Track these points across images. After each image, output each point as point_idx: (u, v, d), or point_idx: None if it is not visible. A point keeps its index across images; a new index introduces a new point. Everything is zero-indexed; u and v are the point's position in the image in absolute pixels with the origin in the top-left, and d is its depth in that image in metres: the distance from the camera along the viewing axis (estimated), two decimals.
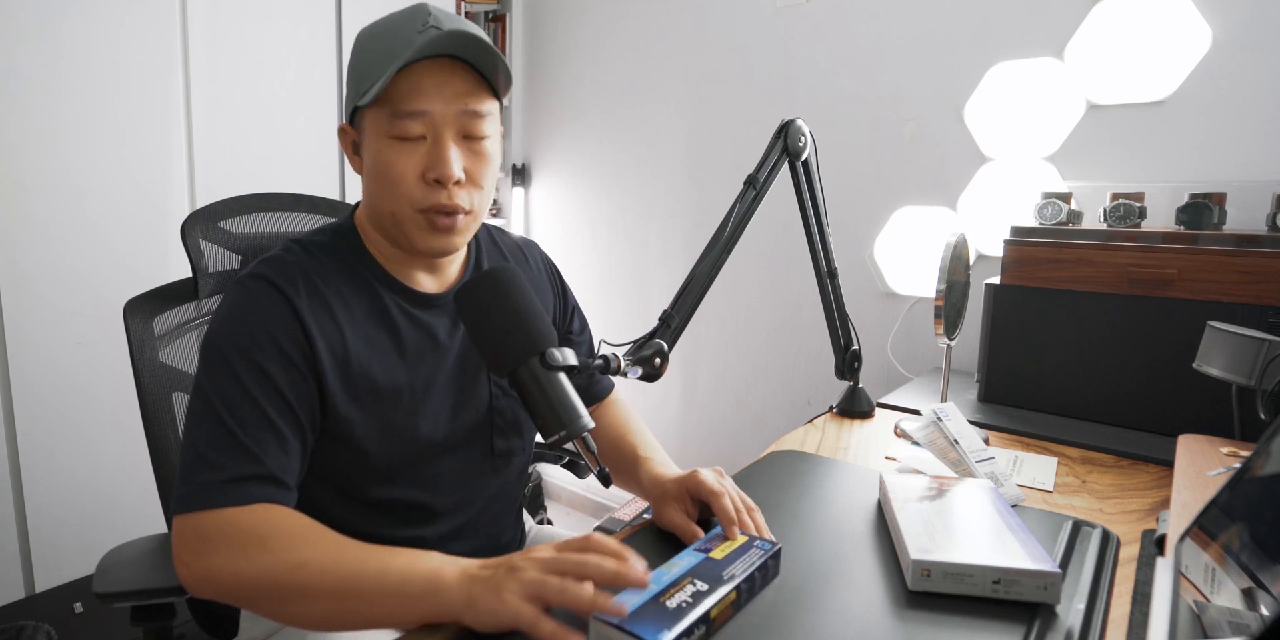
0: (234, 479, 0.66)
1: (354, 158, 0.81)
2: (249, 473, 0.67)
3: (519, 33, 2.49)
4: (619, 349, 0.88)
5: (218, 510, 0.64)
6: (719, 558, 0.68)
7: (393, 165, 0.75)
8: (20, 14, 1.50)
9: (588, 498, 2.56)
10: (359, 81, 0.75)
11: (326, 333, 0.75)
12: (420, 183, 0.75)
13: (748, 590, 0.66)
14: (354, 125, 0.79)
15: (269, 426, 0.69)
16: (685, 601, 0.60)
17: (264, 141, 1.89)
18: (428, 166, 0.74)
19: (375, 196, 0.78)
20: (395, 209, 0.76)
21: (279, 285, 0.74)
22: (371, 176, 0.77)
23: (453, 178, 0.74)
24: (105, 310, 1.62)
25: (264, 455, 0.68)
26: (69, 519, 1.64)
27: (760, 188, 1.03)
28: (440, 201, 0.75)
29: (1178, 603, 0.55)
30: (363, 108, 0.75)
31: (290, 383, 0.72)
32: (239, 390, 0.69)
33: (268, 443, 0.69)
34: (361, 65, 0.76)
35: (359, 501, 0.79)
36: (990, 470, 0.91)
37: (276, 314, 0.73)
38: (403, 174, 0.74)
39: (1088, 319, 1.24)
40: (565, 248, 2.49)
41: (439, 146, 0.74)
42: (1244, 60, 1.33)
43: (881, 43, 1.75)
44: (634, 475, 0.91)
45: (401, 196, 0.75)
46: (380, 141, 0.75)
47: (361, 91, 0.74)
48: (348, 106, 0.78)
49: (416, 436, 0.80)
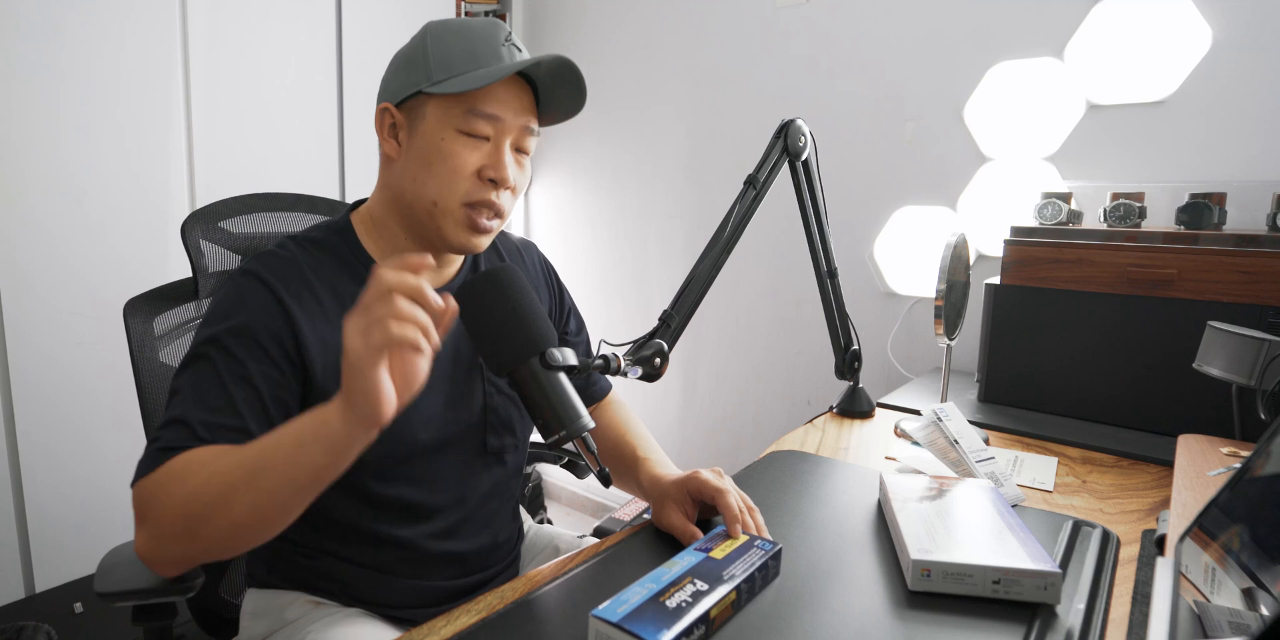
0: (168, 447, 0.65)
1: (389, 141, 0.80)
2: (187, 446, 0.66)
3: (519, 33, 2.49)
4: (619, 349, 0.88)
5: (150, 474, 0.64)
6: (719, 557, 0.68)
7: (455, 156, 0.76)
8: (21, 14, 1.50)
9: (588, 498, 2.56)
10: (436, 70, 0.76)
11: (316, 326, 0.75)
12: (475, 179, 0.77)
13: (748, 590, 0.66)
14: (400, 108, 0.79)
15: (233, 414, 0.69)
16: (685, 601, 0.60)
17: (264, 141, 1.89)
18: (488, 165, 0.78)
19: (419, 184, 0.78)
20: (440, 199, 0.77)
21: (268, 281, 0.75)
22: (423, 164, 0.77)
23: (509, 181, 0.78)
24: (105, 310, 1.62)
25: (212, 438, 0.67)
26: (69, 519, 1.64)
27: (760, 188, 1.03)
28: (489, 198, 0.78)
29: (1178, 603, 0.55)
30: (430, 95, 0.76)
31: (264, 375, 0.71)
32: (210, 377, 0.70)
33: (223, 428, 0.68)
34: (441, 56, 0.77)
35: (356, 498, 0.80)
36: (990, 470, 0.91)
37: (261, 309, 0.73)
38: (462, 167, 0.77)
39: (1088, 319, 1.24)
40: (565, 248, 2.49)
41: (500, 150, 0.78)
42: (1244, 60, 1.33)
43: (881, 43, 1.75)
44: (633, 476, 0.92)
45: (453, 188, 0.77)
46: (445, 131, 0.77)
47: (435, 80, 0.76)
48: (404, 88, 0.78)
49: (410, 432, 0.80)
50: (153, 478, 0.64)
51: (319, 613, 0.81)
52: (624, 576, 0.67)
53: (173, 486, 0.62)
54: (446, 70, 0.76)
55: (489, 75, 0.75)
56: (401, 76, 0.79)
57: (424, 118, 0.77)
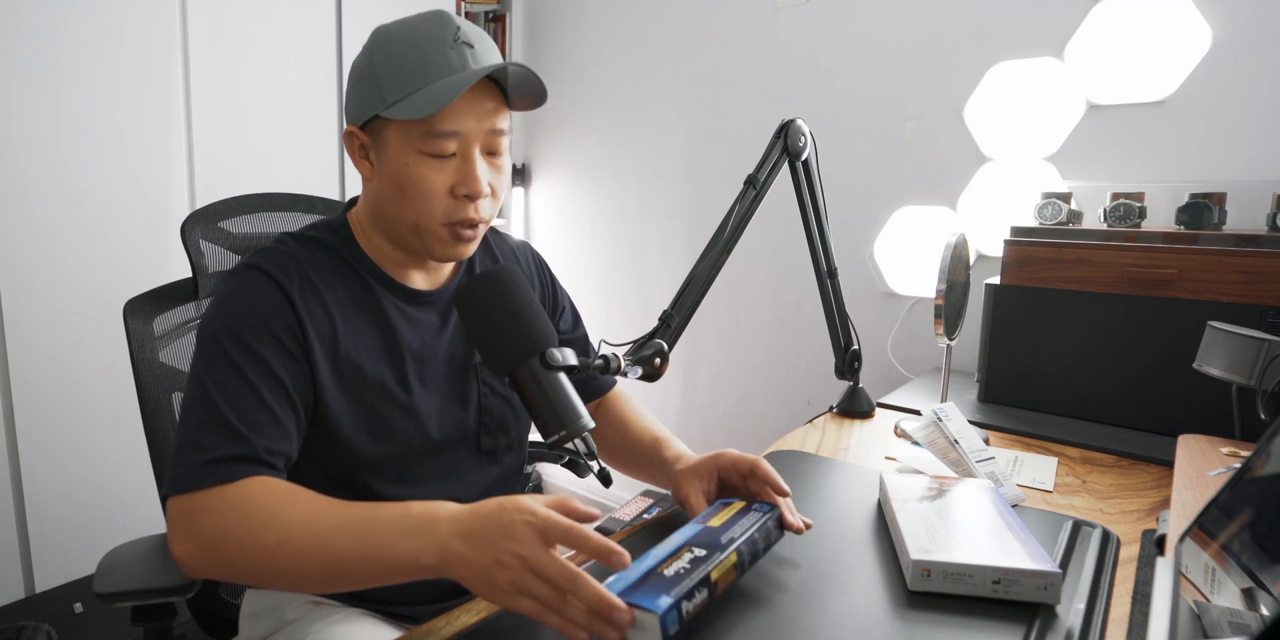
0: (220, 459, 0.66)
1: (361, 162, 0.79)
2: (236, 453, 0.67)
3: (519, 33, 2.49)
4: (619, 349, 0.88)
5: (204, 490, 0.65)
6: (716, 525, 0.68)
7: (423, 180, 0.75)
8: (21, 14, 1.50)
9: (588, 498, 2.56)
10: (388, 90, 0.74)
11: (317, 321, 0.76)
12: (448, 197, 0.76)
13: (749, 552, 0.65)
14: (364, 130, 0.77)
15: (264, 409, 0.70)
16: (684, 568, 0.60)
17: (264, 141, 1.89)
18: (458, 182, 0.76)
19: (396, 207, 0.77)
20: (419, 221, 0.77)
21: (272, 274, 0.75)
22: (396, 188, 0.76)
23: (483, 194, 0.77)
24: (105, 310, 1.62)
25: (254, 437, 0.68)
26: (69, 519, 1.64)
27: (760, 188, 1.03)
28: (469, 216, 0.77)
29: (1178, 603, 0.55)
30: (386, 119, 0.74)
31: (285, 367, 0.72)
32: (233, 373, 0.70)
33: (261, 425, 0.69)
34: (391, 73, 0.74)
35: (355, 497, 0.79)
36: (990, 470, 0.91)
37: (271, 301, 0.74)
38: (432, 189, 0.75)
39: (1088, 319, 1.24)
40: (565, 248, 2.49)
41: (469, 163, 0.76)
42: (1244, 60, 1.33)
43: (881, 43, 1.75)
44: (654, 456, 0.90)
45: (429, 210, 0.76)
46: (408, 155, 0.75)
47: (389, 102, 0.73)
48: (363, 111, 0.76)
49: (404, 431, 0.80)
50: (208, 502, 0.65)
51: (319, 613, 0.81)
52: None
53: (238, 531, 0.63)
54: (398, 88, 0.73)
55: (439, 96, 0.71)
56: (359, 97, 0.76)
57: (387, 142, 0.75)
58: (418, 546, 0.59)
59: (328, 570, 0.61)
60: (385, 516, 0.61)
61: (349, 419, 0.77)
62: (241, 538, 0.63)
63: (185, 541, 0.64)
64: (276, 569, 0.62)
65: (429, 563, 0.58)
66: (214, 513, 0.64)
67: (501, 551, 0.55)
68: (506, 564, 0.55)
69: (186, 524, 0.65)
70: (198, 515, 0.65)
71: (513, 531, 0.55)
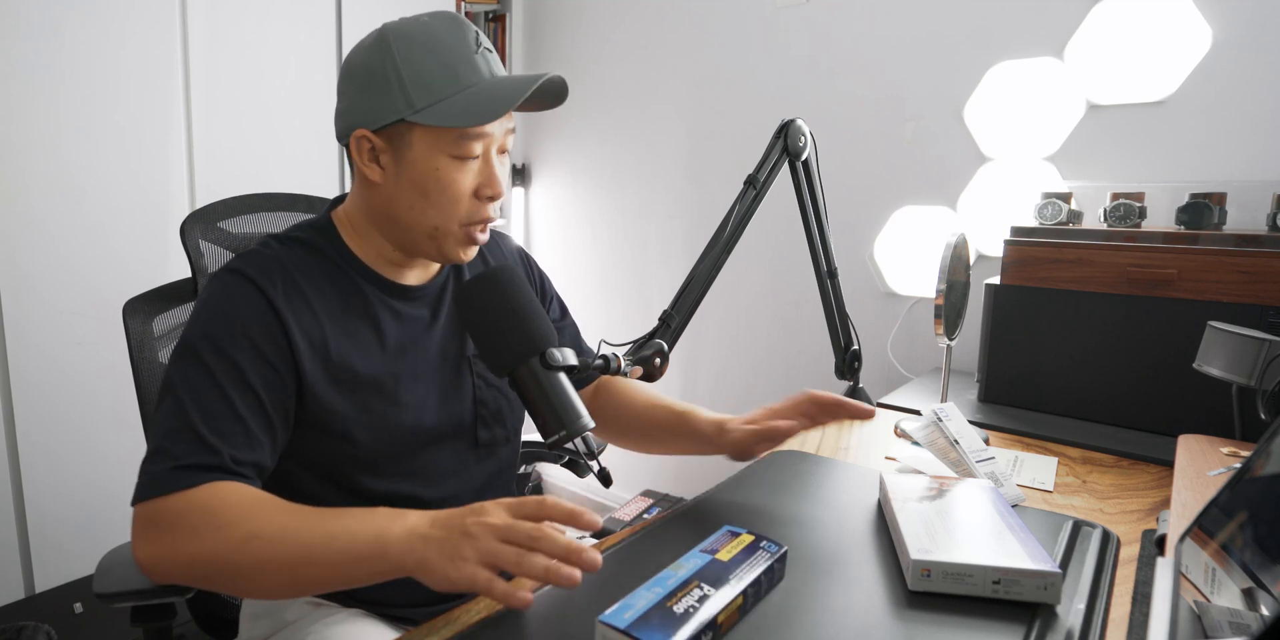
0: (185, 466, 0.66)
1: (370, 166, 0.77)
2: (203, 462, 0.66)
3: (519, 33, 2.49)
4: (619, 349, 0.88)
5: (168, 496, 0.64)
6: (725, 559, 0.68)
7: (454, 183, 0.76)
8: (21, 14, 1.50)
9: (588, 498, 2.56)
10: (415, 96, 0.73)
11: (304, 325, 0.75)
12: (472, 199, 0.77)
13: (754, 594, 0.66)
14: (378, 133, 0.76)
15: (235, 418, 0.69)
16: (692, 606, 0.60)
17: (264, 142, 1.89)
18: (482, 184, 0.77)
19: (415, 210, 0.76)
20: (441, 223, 0.77)
21: (254, 279, 0.74)
22: (419, 192, 0.76)
23: (504, 194, 0.79)
24: (105, 310, 1.61)
25: (223, 446, 0.67)
26: (69, 519, 1.64)
27: (760, 188, 1.03)
28: (487, 216, 0.79)
29: (1178, 603, 0.55)
30: (411, 123, 0.74)
31: (261, 377, 0.72)
32: (208, 381, 0.69)
33: (232, 434, 0.69)
34: (416, 78, 0.73)
35: (351, 493, 0.80)
36: (990, 470, 0.91)
37: (250, 308, 0.73)
38: (463, 191, 0.76)
39: (1088, 319, 1.24)
40: (565, 248, 2.49)
41: (490, 164, 0.78)
42: (1244, 60, 1.33)
43: (881, 43, 1.75)
44: (686, 424, 0.93)
45: (454, 213, 0.77)
46: (438, 159, 0.75)
47: (418, 108, 0.73)
48: (380, 115, 0.74)
49: (401, 427, 0.80)
50: (173, 505, 0.64)
51: (319, 613, 0.81)
52: (624, 577, 0.67)
53: (204, 531, 0.62)
54: (428, 95, 0.73)
55: (492, 104, 0.73)
56: (375, 99, 0.75)
57: (411, 145, 0.75)
58: (384, 522, 0.60)
59: (294, 565, 0.61)
60: (353, 510, 0.63)
61: (346, 418, 0.77)
62: (208, 536, 0.62)
63: (149, 544, 0.64)
64: (242, 566, 0.61)
65: (395, 538, 0.58)
66: (181, 514, 0.64)
67: (470, 524, 0.57)
68: (473, 533, 0.56)
69: (150, 528, 0.64)
70: (163, 518, 0.64)
71: (482, 509, 0.58)
